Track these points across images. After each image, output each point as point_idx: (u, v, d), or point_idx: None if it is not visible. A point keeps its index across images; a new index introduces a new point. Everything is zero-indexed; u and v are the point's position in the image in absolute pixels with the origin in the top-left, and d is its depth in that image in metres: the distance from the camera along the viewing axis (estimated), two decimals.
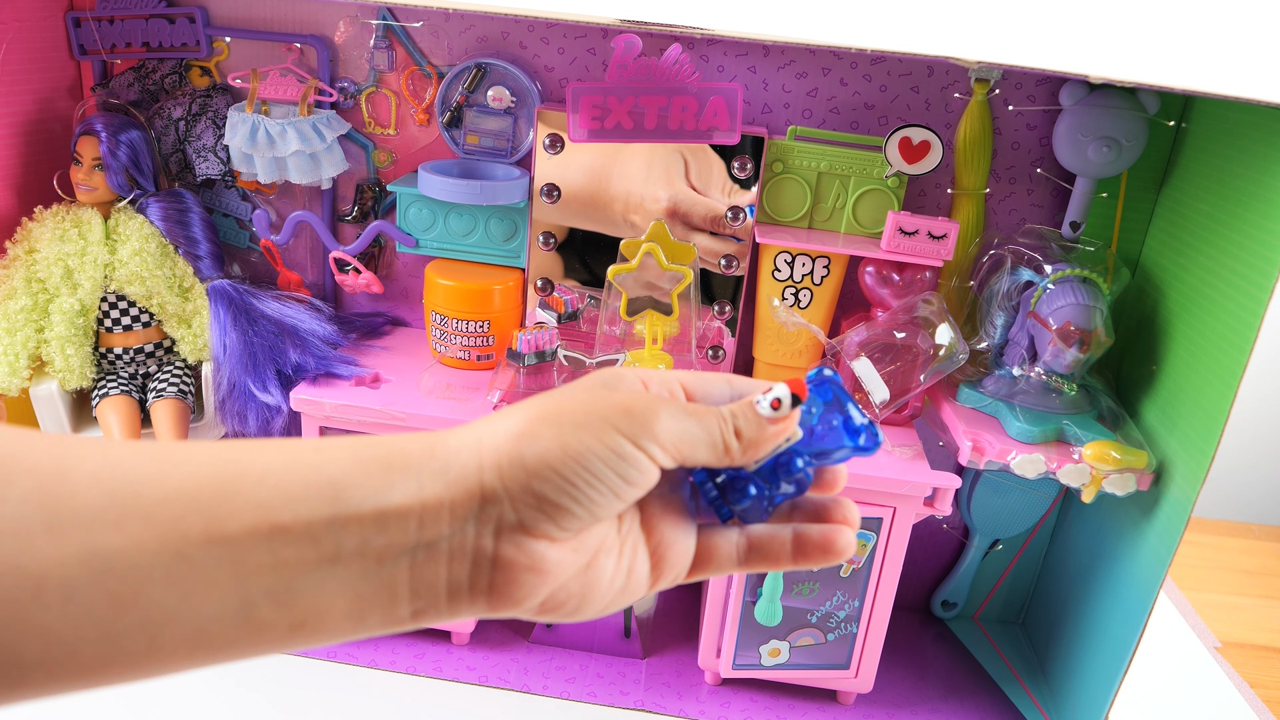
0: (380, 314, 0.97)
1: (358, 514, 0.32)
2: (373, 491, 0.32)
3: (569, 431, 0.34)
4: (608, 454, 0.34)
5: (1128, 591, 0.79)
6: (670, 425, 0.36)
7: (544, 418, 0.35)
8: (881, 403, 0.80)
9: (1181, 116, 0.81)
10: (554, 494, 0.34)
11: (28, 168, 0.87)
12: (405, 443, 0.34)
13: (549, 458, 0.33)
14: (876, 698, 0.90)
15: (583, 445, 0.34)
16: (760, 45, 0.84)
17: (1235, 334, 0.68)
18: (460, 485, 0.33)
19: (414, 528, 0.33)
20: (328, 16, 0.87)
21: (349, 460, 0.33)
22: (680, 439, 0.36)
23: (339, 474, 0.32)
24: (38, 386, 0.83)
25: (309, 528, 0.31)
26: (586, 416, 0.35)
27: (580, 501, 0.34)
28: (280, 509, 0.31)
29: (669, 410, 0.36)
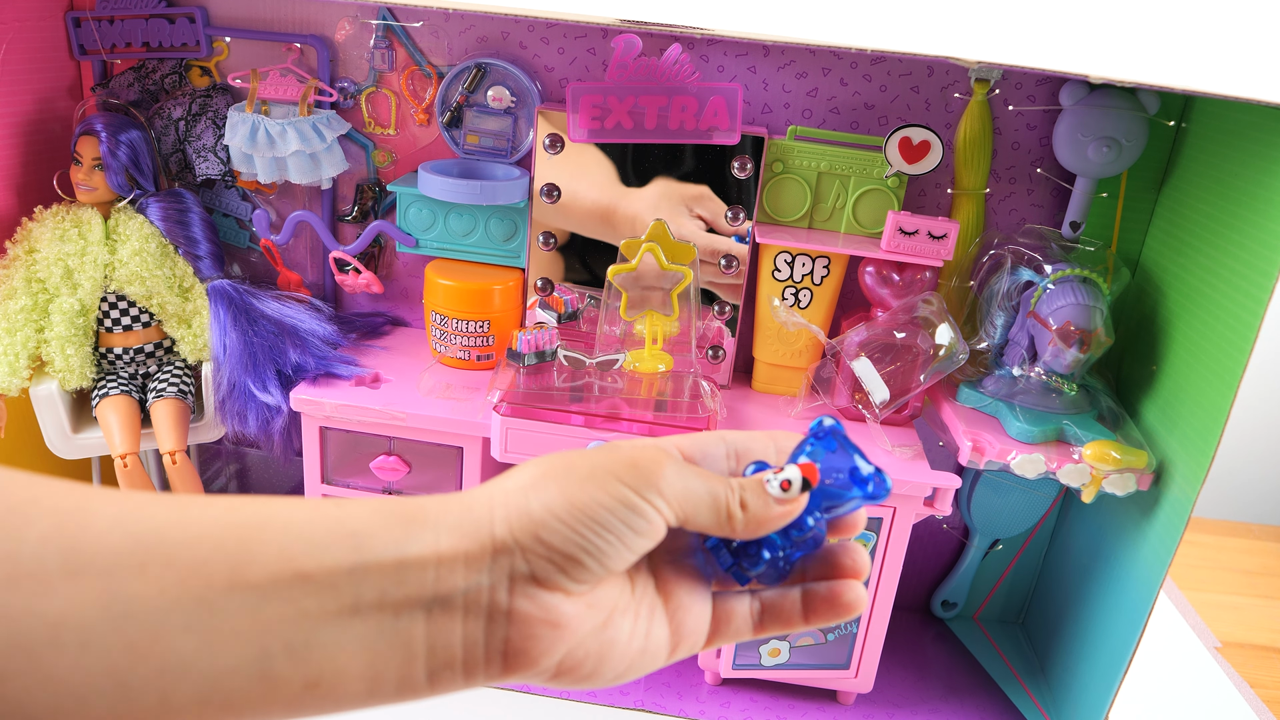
0: (380, 314, 0.97)
1: (378, 563, 0.32)
2: (393, 542, 0.33)
3: (574, 484, 0.35)
4: (613, 503, 0.34)
5: (1128, 591, 0.79)
6: (675, 482, 0.36)
7: (550, 473, 0.35)
8: (881, 403, 0.80)
9: (1181, 116, 0.81)
10: (561, 543, 0.34)
11: (28, 168, 0.87)
12: (423, 500, 0.35)
13: (554, 508, 0.34)
14: (876, 698, 0.90)
15: (587, 495, 0.34)
16: (760, 45, 0.84)
17: (1235, 334, 0.68)
18: (474, 537, 0.33)
19: (430, 579, 0.33)
20: (328, 16, 0.87)
21: (369, 513, 0.33)
22: (685, 498, 0.36)
23: (360, 525, 0.33)
24: (38, 386, 0.83)
25: (331, 576, 0.31)
26: (592, 470, 0.35)
27: (589, 551, 0.34)
28: (303, 557, 0.31)
29: (674, 467, 0.36)
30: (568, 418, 0.76)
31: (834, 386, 0.84)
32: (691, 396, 0.79)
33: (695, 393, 0.79)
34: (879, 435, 0.81)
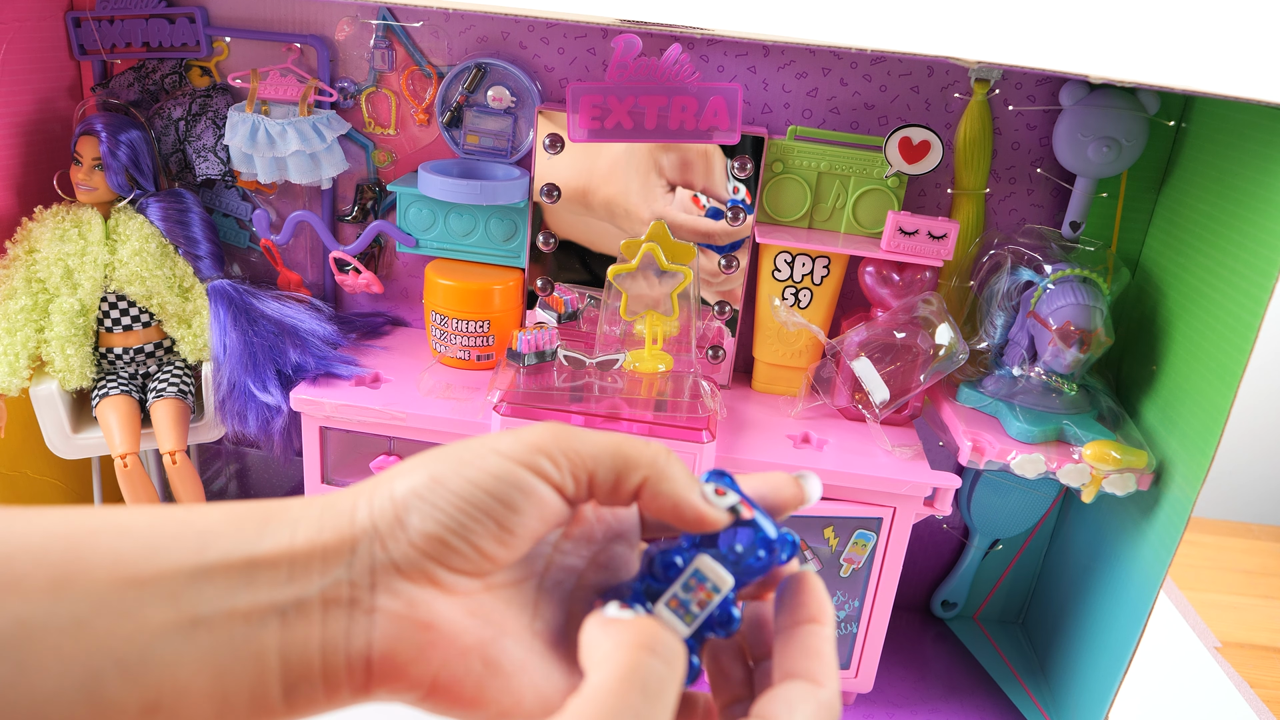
0: (380, 314, 0.97)
1: (225, 563, 0.29)
2: (243, 540, 0.29)
3: (446, 463, 0.31)
4: (484, 477, 0.30)
5: (1128, 591, 0.79)
6: (569, 440, 0.32)
7: (427, 457, 0.32)
8: (881, 403, 0.80)
9: (1181, 116, 0.81)
10: (423, 523, 0.30)
11: (28, 168, 0.87)
12: (289, 500, 0.32)
13: (418, 487, 0.30)
14: (876, 698, 0.90)
15: (454, 471, 0.31)
16: (760, 45, 0.84)
17: (1235, 334, 0.68)
18: (333, 528, 0.30)
19: (284, 579, 0.29)
20: (328, 16, 0.87)
21: (222, 514, 0.30)
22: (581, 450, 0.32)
23: (208, 525, 0.30)
24: (38, 386, 0.83)
25: (169, 581, 0.28)
26: (469, 447, 0.32)
27: (456, 531, 0.30)
28: (139, 561, 0.28)
29: (570, 432, 0.32)
30: (568, 418, 0.76)
31: (834, 386, 0.84)
32: (691, 396, 0.79)
33: (695, 393, 0.79)
34: (879, 435, 0.81)
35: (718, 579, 0.31)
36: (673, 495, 0.32)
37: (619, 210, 0.84)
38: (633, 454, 0.32)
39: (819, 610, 0.33)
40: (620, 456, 0.32)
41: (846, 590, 0.82)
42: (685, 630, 0.31)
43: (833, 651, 0.32)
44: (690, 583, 0.31)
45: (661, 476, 0.32)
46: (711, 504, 0.33)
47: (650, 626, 0.29)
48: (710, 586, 0.31)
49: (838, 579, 0.82)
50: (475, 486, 0.30)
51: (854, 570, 0.81)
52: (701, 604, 0.31)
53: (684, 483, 0.33)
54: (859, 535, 0.79)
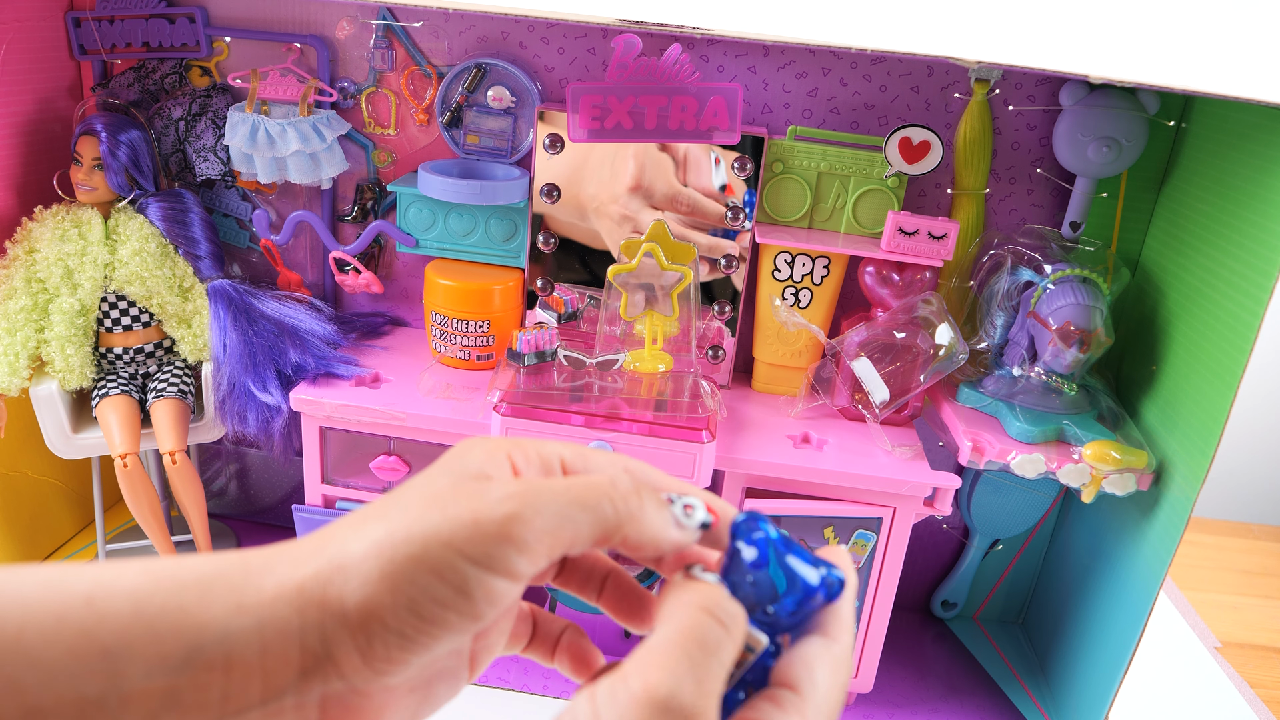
0: (380, 314, 0.97)
1: (143, 690, 0.25)
2: (160, 663, 0.26)
3: (402, 570, 0.27)
4: (449, 594, 0.27)
5: (1128, 591, 0.79)
6: (541, 521, 0.28)
7: (373, 551, 0.28)
8: (881, 403, 0.80)
9: (1181, 116, 0.81)
10: (384, 650, 0.27)
11: (28, 168, 0.87)
12: (208, 586, 0.27)
13: (377, 607, 0.27)
14: (876, 698, 0.90)
15: (417, 588, 0.27)
16: (760, 45, 0.84)
17: (1235, 334, 0.68)
18: (277, 652, 0.27)
19: (216, 700, 0.26)
20: (328, 16, 0.87)
21: (129, 616, 0.26)
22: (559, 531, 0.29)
23: (115, 640, 0.25)
24: (38, 386, 0.83)
25: (77, 711, 0.25)
26: (425, 545, 0.27)
27: (418, 651, 0.28)
28: (37, 689, 0.24)
29: (535, 499, 0.29)
30: (568, 418, 0.76)
31: (834, 386, 0.84)
32: (691, 396, 0.79)
33: (695, 393, 0.79)
34: (879, 435, 0.81)
35: (753, 641, 0.30)
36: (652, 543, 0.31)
37: (596, 209, 0.84)
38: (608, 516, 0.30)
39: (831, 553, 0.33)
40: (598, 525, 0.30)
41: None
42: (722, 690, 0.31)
43: (849, 611, 0.32)
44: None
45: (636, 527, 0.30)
46: (684, 529, 0.32)
47: (716, 593, 0.29)
48: (746, 648, 0.30)
49: None
50: (443, 608, 0.27)
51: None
52: (740, 664, 0.30)
53: (657, 522, 0.31)
54: (859, 535, 0.79)
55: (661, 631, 0.28)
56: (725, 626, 0.28)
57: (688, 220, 0.84)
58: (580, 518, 0.29)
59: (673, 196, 0.83)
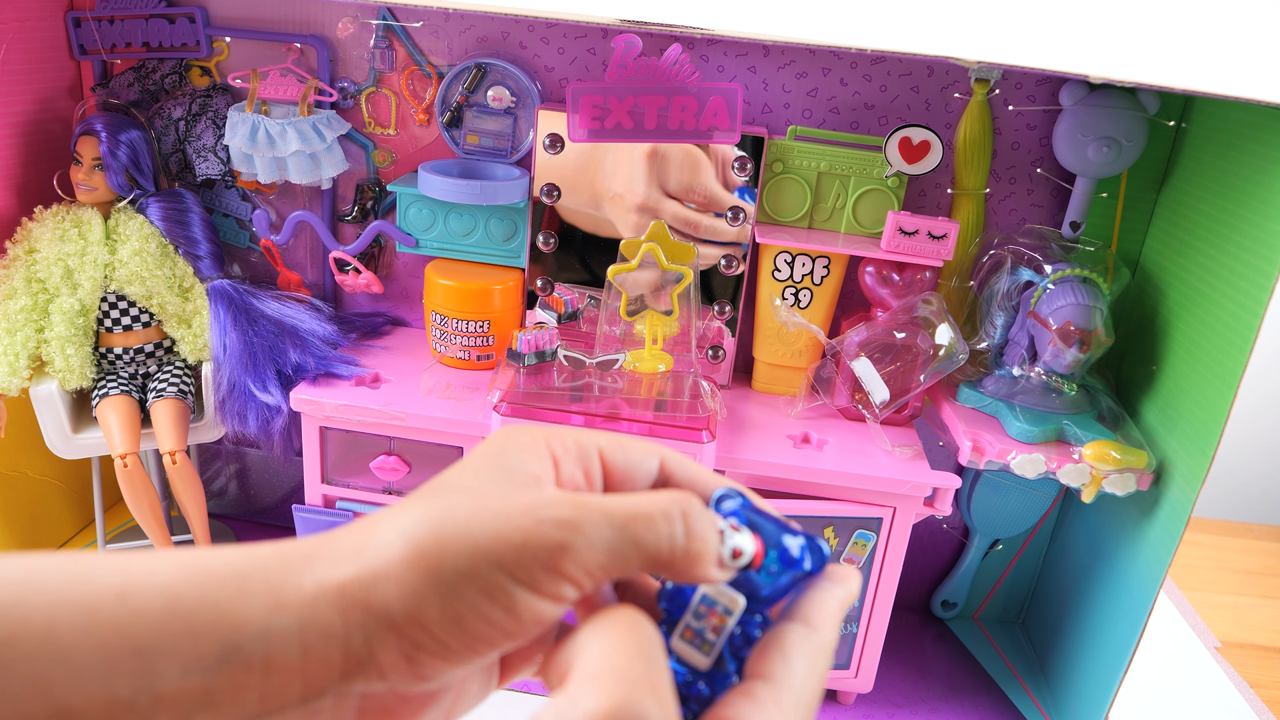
0: (380, 314, 0.97)
1: (177, 691, 0.24)
2: (196, 662, 0.25)
3: (450, 585, 0.26)
4: (499, 614, 0.27)
5: (1128, 591, 0.79)
6: (590, 553, 0.27)
7: (420, 561, 0.27)
8: (881, 403, 0.80)
9: (1181, 116, 0.81)
10: (430, 660, 0.27)
11: (28, 168, 0.87)
12: (245, 580, 0.26)
13: (424, 618, 0.26)
14: (876, 698, 0.90)
15: (467, 605, 0.26)
16: (760, 45, 0.84)
17: (1235, 334, 0.68)
18: (318, 654, 0.26)
19: (254, 701, 0.25)
20: (328, 16, 0.87)
21: (164, 613, 0.25)
22: (609, 564, 0.28)
23: (149, 638, 0.24)
24: (38, 386, 0.83)
25: (108, 711, 0.24)
26: (473, 562, 0.26)
27: (462, 664, 0.27)
28: (66, 689, 0.23)
29: (590, 530, 0.28)
30: (568, 418, 0.76)
31: (834, 386, 0.84)
32: (691, 396, 0.79)
33: (695, 393, 0.79)
34: (879, 435, 0.81)
35: (728, 601, 0.29)
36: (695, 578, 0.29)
37: (611, 200, 0.84)
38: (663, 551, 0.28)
39: (843, 573, 0.31)
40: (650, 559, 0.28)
41: None
42: (705, 661, 0.30)
43: (837, 606, 0.30)
44: (700, 609, 0.30)
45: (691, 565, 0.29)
46: (725, 569, 0.30)
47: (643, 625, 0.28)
48: (721, 610, 0.29)
49: None
50: (490, 626, 0.27)
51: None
52: (716, 630, 0.29)
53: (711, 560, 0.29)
54: (859, 535, 0.79)
55: (597, 643, 0.27)
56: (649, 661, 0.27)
57: (699, 209, 0.84)
58: (632, 554, 0.28)
59: (688, 186, 0.83)
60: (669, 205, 0.84)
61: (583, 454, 0.32)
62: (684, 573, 0.29)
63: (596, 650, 0.27)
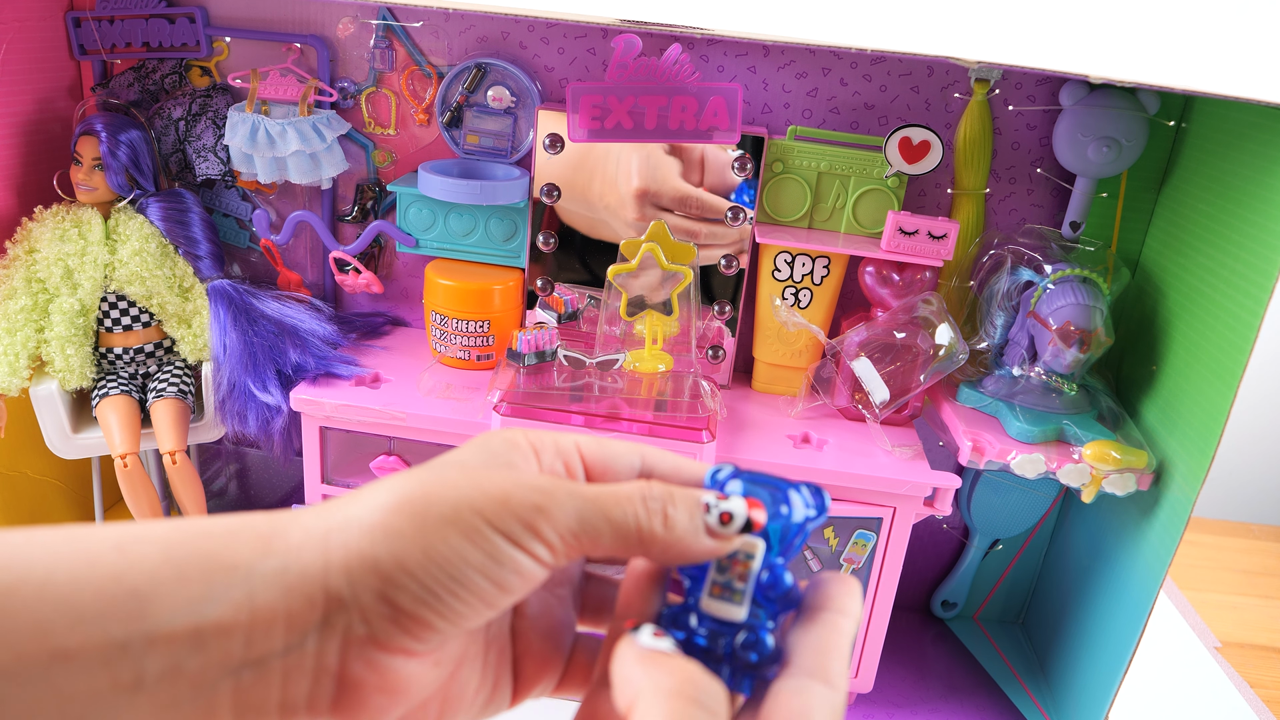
0: (380, 314, 0.97)
1: (167, 633, 0.26)
2: (187, 603, 0.26)
3: (434, 528, 0.28)
4: (480, 559, 0.28)
5: (1128, 591, 0.79)
6: (564, 517, 0.29)
7: (405, 507, 0.28)
8: (881, 403, 0.80)
9: (1181, 116, 0.81)
10: (412, 604, 0.28)
11: (28, 168, 0.87)
12: (235, 534, 0.28)
13: (408, 562, 0.27)
14: (876, 698, 0.90)
15: (449, 547, 0.28)
16: (760, 45, 0.84)
17: (1235, 334, 0.68)
18: (300, 591, 0.27)
19: (240, 645, 0.26)
20: (328, 16, 0.87)
21: (159, 560, 0.26)
22: (580, 532, 0.29)
23: (145, 581, 0.26)
24: (38, 386, 0.83)
25: (103, 652, 0.25)
26: (456, 509, 0.28)
27: (444, 614, 0.28)
28: (64, 631, 0.25)
29: (562, 499, 0.29)
30: (568, 418, 0.76)
31: (834, 386, 0.84)
32: (691, 396, 0.79)
33: (695, 393, 0.79)
34: (879, 435, 0.81)
35: (748, 547, 0.29)
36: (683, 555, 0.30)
37: (613, 199, 0.84)
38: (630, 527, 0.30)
39: (848, 603, 0.31)
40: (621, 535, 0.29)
41: None
42: (740, 611, 0.30)
43: (849, 646, 0.30)
44: (723, 562, 0.30)
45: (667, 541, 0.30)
46: (722, 537, 0.30)
47: (692, 673, 0.27)
48: (743, 557, 0.30)
49: None
50: (473, 571, 0.28)
51: (854, 570, 0.81)
52: (743, 577, 0.29)
53: (690, 532, 0.30)
54: (859, 535, 0.79)
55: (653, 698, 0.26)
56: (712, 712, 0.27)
57: (696, 217, 0.84)
58: (602, 526, 0.29)
59: (682, 199, 0.83)
60: (667, 220, 0.84)
61: (561, 450, 0.33)
62: (667, 551, 0.30)
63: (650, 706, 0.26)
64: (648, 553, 0.30)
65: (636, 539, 0.30)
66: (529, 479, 0.30)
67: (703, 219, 0.84)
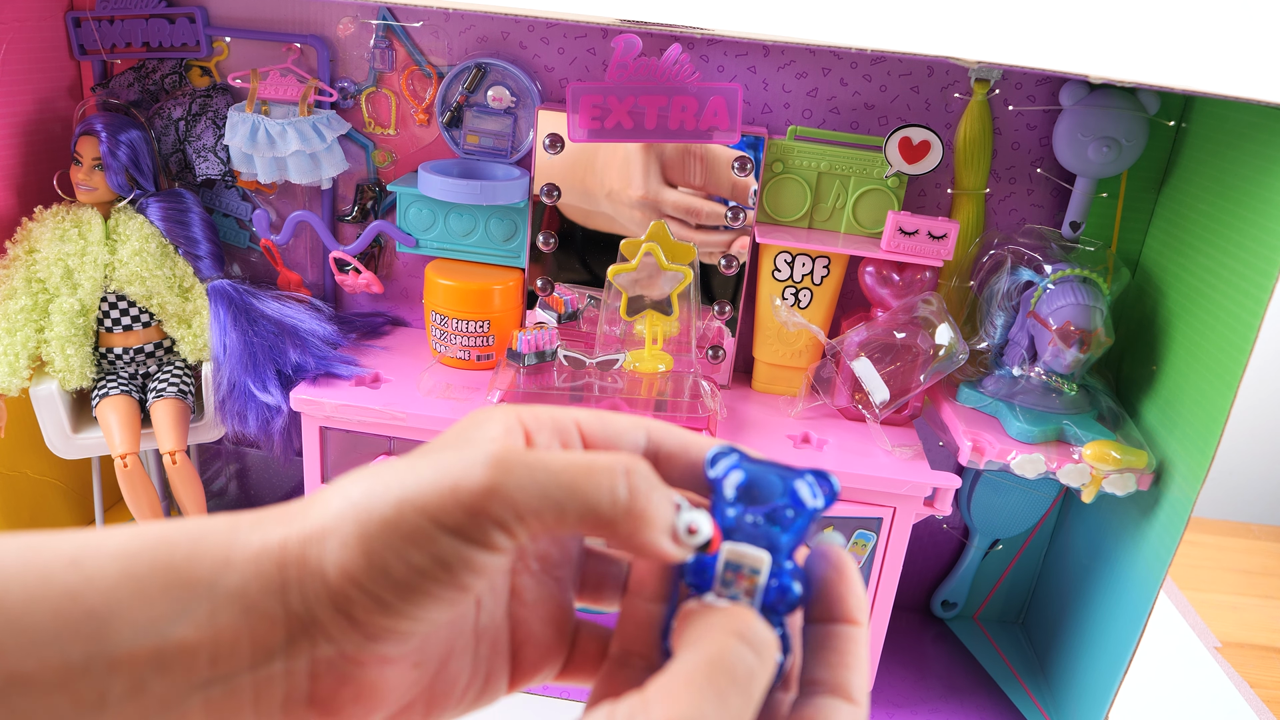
0: (380, 314, 0.97)
1: (129, 653, 0.25)
2: (148, 624, 0.25)
3: (377, 533, 0.26)
4: (426, 562, 0.26)
5: (1128, 591, 0.79)
6: (522, 496, 0.26)
7: (349, 512, 0.26)
8: (881, 403, 0.80)
9: (1181, 116, 0.81)
10: (365, 615, 0.26)
11: (28, 168, 0.87)
12: (196, 542, 0.26)
13: (354, 571, 0.26)
14: (876, 698, 0.90)
15: (391, 552, 0.26)
16: (760, 45, 0.84)
17: (1235, 334, 0.68)
18: (261, 610, 0.26)
19: (205, 663, 0.26)
20: (328, 16, 0.87)
21: (117, 577, 0.25)
22: (542, 509, 0.26)
23: (101, 602, 0.25)
24: (38, 386, 0.83)
25: (61, 675, 0.24)
26: (399, 509, 0.26)
27: (402, 618, 0.27)
28: (19, 654, 0.24)
29: (520, 473, 0.26)
30: None
31: (834, 386, 0.84)
32: (691, 396, 0.79)
33: (695, 393, 0.79)
34: (879, 435, 0.81)
35: (753, 561, 0.29)
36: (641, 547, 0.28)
37: (618, 198, 0.84)
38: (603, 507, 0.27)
39: (856, 608, 0.30)
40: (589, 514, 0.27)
41: None
42: None
43: (866, 656, 0.29)
44: (727, 576, 0.29)
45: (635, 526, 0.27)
46: (681, 545, 0.29)
47: (745, 615, 0.27)
48: (748, 571, 0.29)
49: None
50: (420, 576, 0.26)
51: None
52: (749, 592, 0.29)
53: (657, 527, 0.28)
54: (859, 535, 0.79)
55: (689, 657, 0.26)
56: (758, 653, 0.26)
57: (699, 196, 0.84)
58: (568, 504, 0.26)
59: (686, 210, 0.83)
60: (669, 194, 0.83)
61: (559, 426, 0.30)
62: (631, 536, 0.27)
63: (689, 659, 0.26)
64: (614, 533, 0.27)
65: (607, 517, 0.27)
66: (482, 451, 0.27)
67: (700, 227, 0.84)
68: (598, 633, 0.33)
